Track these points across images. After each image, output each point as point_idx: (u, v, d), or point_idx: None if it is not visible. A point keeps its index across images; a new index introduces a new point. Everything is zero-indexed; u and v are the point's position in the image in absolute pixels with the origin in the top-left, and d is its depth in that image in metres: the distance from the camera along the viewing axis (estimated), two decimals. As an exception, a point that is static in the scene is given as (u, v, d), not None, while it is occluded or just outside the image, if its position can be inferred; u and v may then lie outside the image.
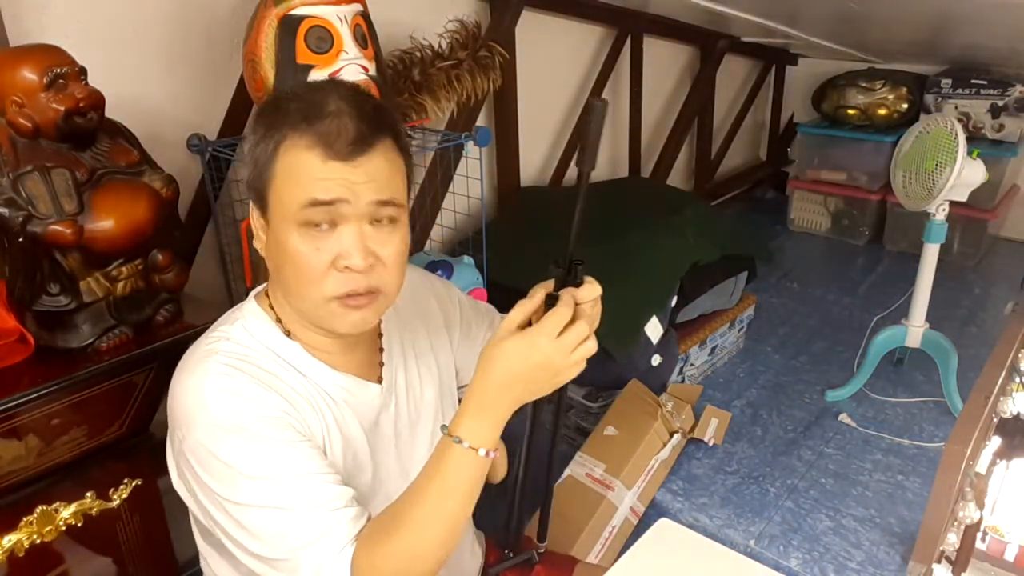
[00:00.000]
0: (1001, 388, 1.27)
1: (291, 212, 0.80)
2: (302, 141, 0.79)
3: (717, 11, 2.48)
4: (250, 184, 0.84)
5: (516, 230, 2.18)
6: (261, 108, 0.85)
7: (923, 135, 1.94)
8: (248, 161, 0.83)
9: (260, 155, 0.81)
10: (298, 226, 0.80)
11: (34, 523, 1.11)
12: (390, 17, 1.61)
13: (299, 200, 0.79)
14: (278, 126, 0.80)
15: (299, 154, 0.79)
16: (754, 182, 4.01)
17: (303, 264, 0.81)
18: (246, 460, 0.79)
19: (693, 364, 2.24)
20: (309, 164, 0.79)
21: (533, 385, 0.79)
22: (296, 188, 0.79)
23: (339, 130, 0.78)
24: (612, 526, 1.72)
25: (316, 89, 0.83)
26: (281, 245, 0.81)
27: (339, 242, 0.80)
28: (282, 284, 0.86)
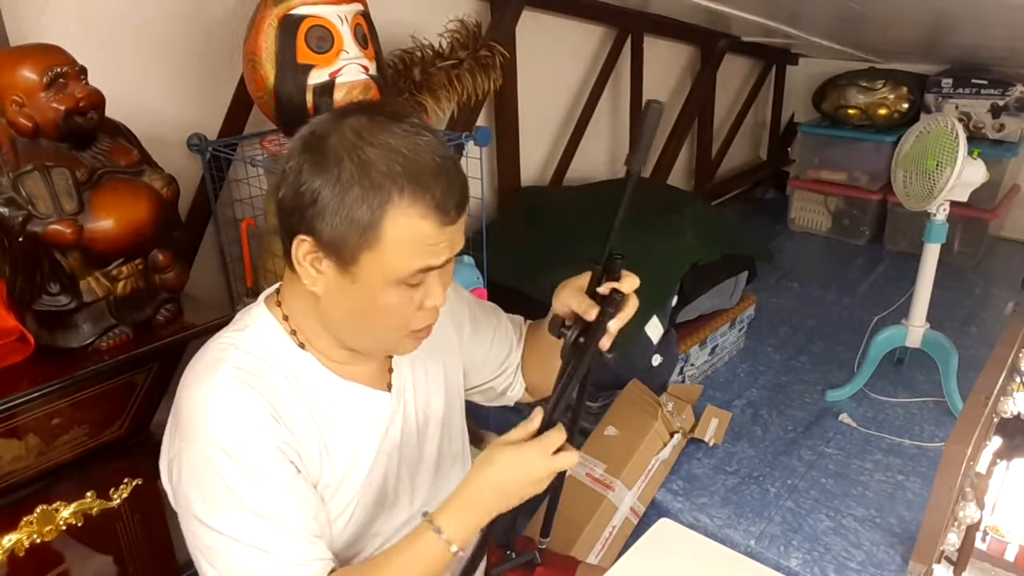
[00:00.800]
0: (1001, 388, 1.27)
1: (399, 276, 0.79)
2: (415, 211, 0.76)
3: (717, 11, 2.48)
4: (333, 239, 0.77)
5: (516, 230, 2.19)
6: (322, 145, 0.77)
7: (924, 135, 1.94)
8: (330, 211, 0.76)
9: (357, 215, 0.75)
10: (398, 284, 0.79)
11: (34, 523, 1.11)
12: (390, 17, 1.61)
13: (412, 267, 0.78)
14: (380, 187, 0.75)
15: (412, 223, 0.76)
16: (754, 182, 4.01)
17: (396, 315, 0.82)
18: (238, 488, 0.78)
19: (693, 364, 2.24)
20: (426, 234, 0.77)
21: (516, 497, 0.83)
22: (410, 256, 0.78)
23: (448, 192, 0.77)
24: (612, 526, 1.72)
25: (397, 134, 0.77)
26: (372, 300, 0.80)
27: (427, 288, 0.82)
28: (350, 326, 0.85)
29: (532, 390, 1.19)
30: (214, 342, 0.88)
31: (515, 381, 1.16)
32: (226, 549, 0.79)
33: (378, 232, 0.76)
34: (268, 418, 0.82)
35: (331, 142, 0.77)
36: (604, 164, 2.99)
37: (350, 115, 0.79)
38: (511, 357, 1.14)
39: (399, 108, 0.82)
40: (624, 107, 2.92)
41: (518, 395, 1.19)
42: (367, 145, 0.75)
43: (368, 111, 0.80)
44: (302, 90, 1.29)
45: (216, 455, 0.79)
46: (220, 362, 0.83)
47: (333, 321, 0.86)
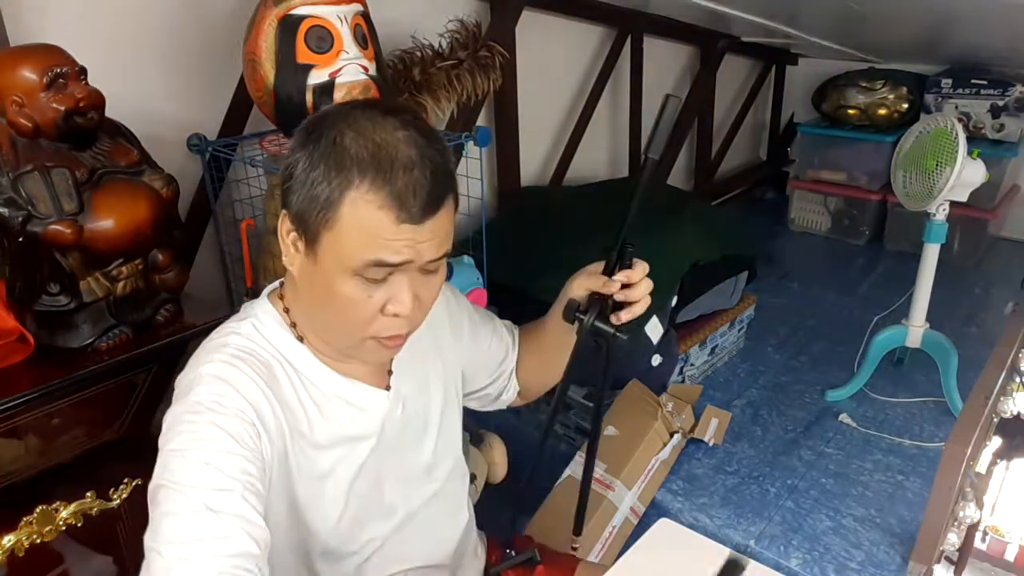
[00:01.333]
0: (1001, 388, 1.27)
1: (351, 264, 0.77)
2: (374, 199, 0.74)
3: (717, 11, 2.48)
4: (298, 212, 0.78)
5: (516, 230, 2.18)
6: (314, 127, 0.78)
7: (923, 135, 1.94)
8: (297, 186, 0.78)
9: (318, 191, 0.76)
10: (353, 275, 0.78)
11: (34, 523, 1.11)
12: (390, 17, 1.61)
13: (364, 257, 0.76)
14: (343, 168, 0.75)
15: (369, 211, 0.75)
16: (754, 182, 4.01)
17: (351, 309, 0.80)
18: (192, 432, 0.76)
19: (693, 364, 2.24)
20: (379, 225, 0.75)
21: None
22: (362, 245, 0.76)
23: (413, 188, 0.75)
24: (612, 526, 1.72)
25: (375, 118, 0.77)
26: (329, 285, 0.79)
27: (391, 290, 0.80)
28: (317, 316, 0.86)
29: (525, 393, 1.19)
30: (216, 332, 0.88)
31: (509, 385, 1.16)
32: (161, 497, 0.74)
33: (336, 213, 0.75)
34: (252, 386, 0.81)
35: (322, 124, 0.78)
36: (604, 164, 2.99)
37: (358, 106, 0.80)
38: (506, 362, 1.14)
39: (405, 106, 0.82)
40: (624, 107, 2.92)
41: (511, 399, 1.19)
42: (347, 128, 0.76)
43: (375, 104, 0.81)
44: (302, 90, 1.29)
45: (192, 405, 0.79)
46: (221, 346, 0.85)
47: (307, 309, 0.86)
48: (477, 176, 1.67)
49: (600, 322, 0.92)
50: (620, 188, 2.65)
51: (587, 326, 0.92)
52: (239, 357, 0.83)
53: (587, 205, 2.30)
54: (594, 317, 0.92)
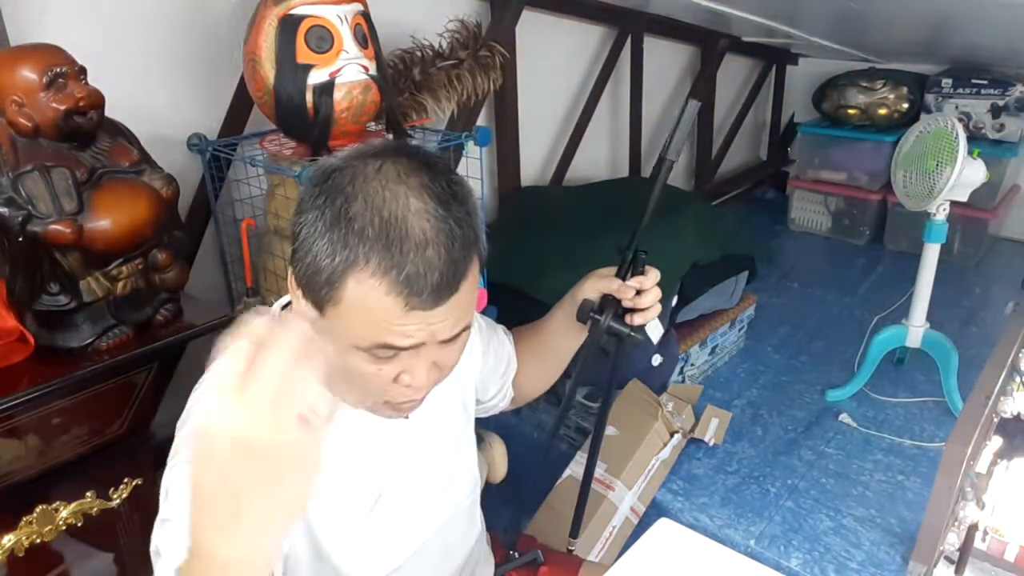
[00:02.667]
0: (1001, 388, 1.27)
1: (358, 344, 0.71)
2: (382, 283, 0.66)
3: (718, 11, 2.48)
4: (304, 282, 0.71)
5: (516, 230, 2.18)
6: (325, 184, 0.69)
7: (924, 135, 1.94)
8: (302, 250, 0.70)
9: (322, 266, 0.68)
10: (356, 352, 0.71)
11: (34, 523, 1.11)
12: (390, 17, 1.61)
13: (370, 339, 0.70)
14: (347, 245, 0.66)
15: (375, 296, 0.67)
16: (754, 182, 4.01)
17: (361, 380, 0.74)
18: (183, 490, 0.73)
19: (693, 364, 2.24)
20: (387, 311, 0.67)
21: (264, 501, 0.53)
22: (368, 328, 0.69)
23: (425, 272, 0.66)
24: (612, 526, 1.72)
25: (394, 191, 0.68)
26: (338, 351, 0.72)
27: (403, 363, 0.73)
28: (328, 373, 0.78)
29: (518, 398, 1.17)
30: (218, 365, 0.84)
31: (507, 394, 1.14)
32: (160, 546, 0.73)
33: (340, 292, 0.68)
34: None
35: (332, 182, 0.69)
36: (604, 164, 2.99)
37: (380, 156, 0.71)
38: (509, 371, 1.12)
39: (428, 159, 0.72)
40: (624, 107, 2.92)
41: (506, 406, 1.17)
42: (356, 194, 0.68)
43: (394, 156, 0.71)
44: (302, 90, 1.29)
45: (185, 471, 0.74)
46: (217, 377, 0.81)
47: None
48: (477, 176, 1.67)
49: (616, 323, 0.93)
50: (620, 188, 2.65)
51: (603, 327, 0.93)
52: None
53: (587, 205, 2.30)
54: (610, 318, 0.93)
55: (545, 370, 1.14)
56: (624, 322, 0.94)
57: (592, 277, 1.00)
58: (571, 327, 1.03)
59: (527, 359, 1.13)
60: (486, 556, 1.14)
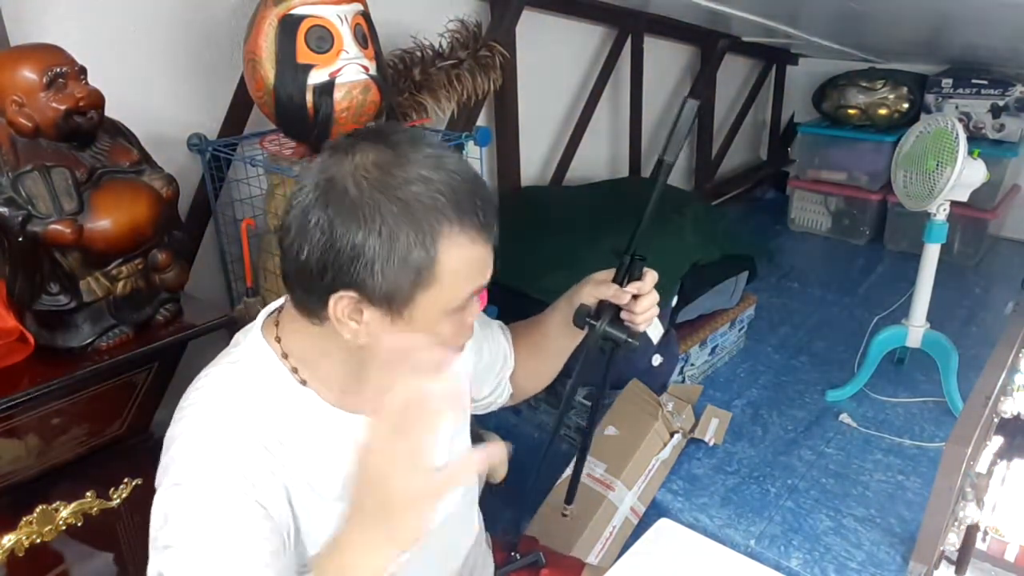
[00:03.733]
0: (1001, 388, 1.27)
1: (455, 304, 0.76)
2: (465, 237, 0.73)
3: (718, 11, 2.48)
4: (387, 291, 0.72)
5: (516, 230, 2.18)
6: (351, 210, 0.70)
7: (924, 135, 1.94)
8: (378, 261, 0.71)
9: (412, 257, 0.71)
10: (450, 314, 0.77)
11: (34, 523, 1.11)
12: (390, 17, 1.61)
13: (469, 290, 0.77)
14: (429, 224, 0.71)
15: (467, 248, 0.74)
16: (754, 182, 4.01)
17: (454, 339, 0.81)
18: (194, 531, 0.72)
19: (693, 364, 2.24)
20: (478, 256, 0.75)
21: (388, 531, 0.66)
22: (465, 282, 0.76)
23: (486, 207, 0.75)
24: (613, 526, 1.72)
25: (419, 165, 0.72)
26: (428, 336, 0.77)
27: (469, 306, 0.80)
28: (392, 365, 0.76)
29: (516, 394, 1.18)
30: (203, 380, 0.82)
31: (505, 389, 1.15)
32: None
33: (434, 269, 0.73)
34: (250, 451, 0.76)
35: (358, 188, 0.71)
36: (604, 164, 2.99)
37: (360, 150, 0.73)
38: (505, 368, 1.12)
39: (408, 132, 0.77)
40: (624, 107, 2.92)
41: (504, 402, 1.18)
42: (401, 182, 0.71)
43: (376, 140, 0.74)
44: (302, 90, 1.29)
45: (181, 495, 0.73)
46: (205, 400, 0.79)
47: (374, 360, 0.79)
48: (477, 176, 1.67)
49: (612, 328, 0.94)
50: (620, 188, 2.65)
51: (599, 332, 0.93)
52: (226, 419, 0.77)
53: (587, 205, 2.30)
54: (605, 323, 0.94)
55: (543, 367, 1.14)
56: (621, 327, 0.94)
57: (589, 283, 1.00)
58: (567, 328, 1.03)
59: (525, 356, 1.14)
60: (485, 558, 1.14)
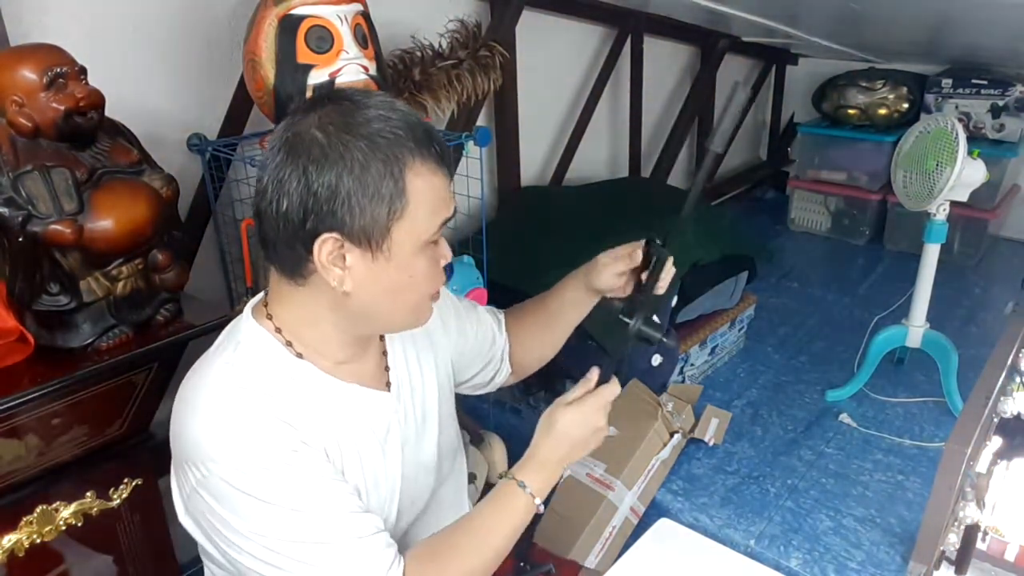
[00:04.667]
0: (1001, 388, 1.27)
1: (427, 235, 0.81)
2: (427, 166, 0.79)
3: (717, 11, 2.48)
4: (363, 226, 0.77)
5: (516, 230, 2.18)
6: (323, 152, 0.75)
7: (923, 135, 1.94)
8: (351, 199, 0.75)
9: (384, 190, 0.76)
10: (426, 247, 0.82)
11: (34, 523, 1.11)
12: (390, 17, 1.61)
13: (437, 222, 0.81)
14: (395, 153, 0.76)
15: (430, 178, 0.79)
16: (754, 182, 4.01)
17: (429, 279, 0.84)
18: (276, 495, 0.78)
19: (693, 364, 2.24)
20: (441, 185, 0.80)
21: (582, 449, 0.94)
22: (433, 212, 0.80)
23: (441, 143, 0.80)
24: (612, 526, 1.72)
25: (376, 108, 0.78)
26: (407, 271, 0.81)
27: (440, 246, 0.85)
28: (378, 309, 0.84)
29: (518, 371, 1.21)
30: (206, 366, 0.85)
31: (502, 367, 1.17)
32: (292, 556, 0.79)
33: (405, 198, 0.77)
34: (278, 423, 0.80)
35: (325, 133, 0.76)
36: (604, 164, 2.99)
37: (317, 107, 0.78)
38: (495, 346, 1.15)
39: (358, 90, 0.86)
40: (624, 107, 2.92)
41: (505, 380, 1.20)
42: (363, 122, 0.76)
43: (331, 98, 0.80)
44: (302, 90, 1.29)
45: (238, 477, 0.78)
46: (216, 386, 0.82)
47: (360, 312, 0.84)
48: (477, 176, 1.67)
49: (647, 327, 0.96)
50: (620, 188, 2.66)
51: (634, 331, 0.95)
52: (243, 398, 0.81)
53: (587, 205, 2.30)
54: (640, 322, 0.96)
55: (548, 342, 1.18)
56: (656, 326, 0.96)
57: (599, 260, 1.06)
58: (579, 301, 1.11)
59: (531, 332, 1.17)
60: None
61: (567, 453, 0.92)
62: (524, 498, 0.89)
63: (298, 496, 0.79)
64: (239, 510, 0.79)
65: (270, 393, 0.82)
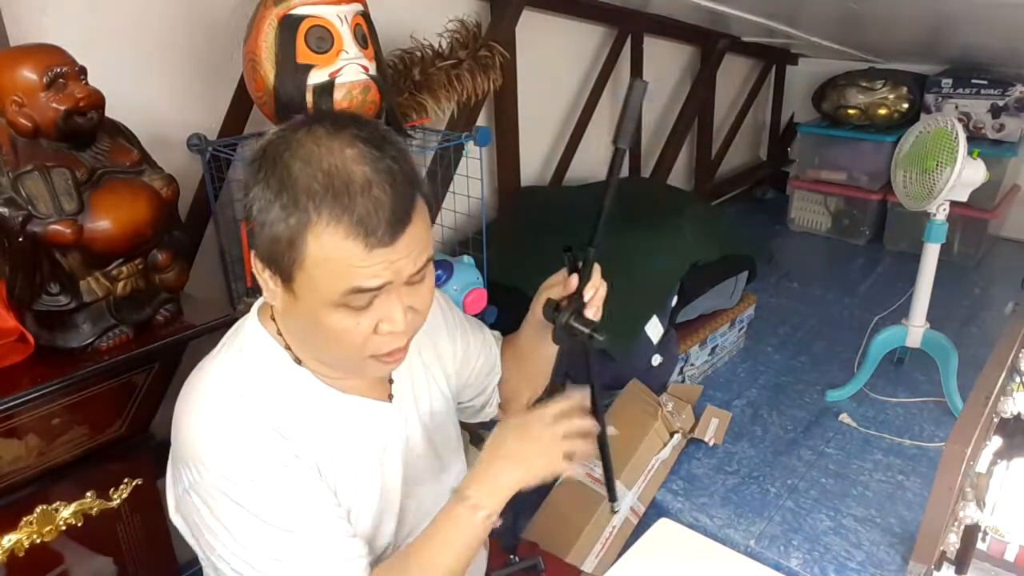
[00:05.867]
0: (1001, 388, 1.27)
1: (331, 298, 0.74)
2: (339, 230, 0.70)
3: (717, 11, 2.48)
4: (266, 254, 0.75)
5: (516, 230, 2.18)
6: (261, 161, 0.73)
7: (923, 135, 1.94)
8: (257, 226, 0.73)
9: (279, 232, 0.72)
10: (336, 307, 0.75)
11: (34, 523, 1.11)
12: (390, 17, 1.61)
13: (340, 288, 0.73)
14: (298, 205, 0.70)
15: (335, 243, 0.70)
16: (754, 182, 4.01)
17: (343, 338, 0.77)
18: (262, 508, 0.78)
19: (693, 364, 2.24)
20: (349, 255, 0.71)
21: (528, 463, 0.87)
22: (336, 277, 0.72)
23: (376, 210, 0.70)
24: (612, 526, 1.72)
25: (328, 146, 0.72)
26: (315, 319, 0.76)
27: (379, 311, 0.76)
28: (309, 343, 0.83)
29: (505, 406, 1.19)
30: (209, 365, 0.85)
31: (493, 398, 1.16)
32: (269, 572, 0.79)
33: (302, 252, 0.72)
34: (272, 435, 0.80)
35: (266, 156, 0.73)
36: (604, 164, 2.98)
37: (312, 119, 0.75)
38: (493, 374, 1.14)
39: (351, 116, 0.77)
40: (624, 107, 2.92)
41: (494, 412, 1.18)
42: (293, 159, 0.71)
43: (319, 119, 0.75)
44: (302, 90, 1.29)
45: (229, 486, 0.78)
46: (218, 388, 0.82)
47: (298, 336, 0.83)
48: (477, 176, 1.67)
49: (575, 322, 0.94)
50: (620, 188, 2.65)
51: (561, 323, 0.94)
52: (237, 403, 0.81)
53: (587, 205, 2.29)
54: (568, 317, 0.94)
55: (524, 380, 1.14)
56: (585, 321, 0.94)
57: (543, 289, 1.02)
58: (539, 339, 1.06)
59: (509, 369, 1.15)
60: (478, 557, 1.14)
61: (510, 468, 0.86)
62: (468, 512, 0.85)
63: (283, 513, 0.79)
64: (224, 518, 0.78)
65: (267, 401, 0.82)
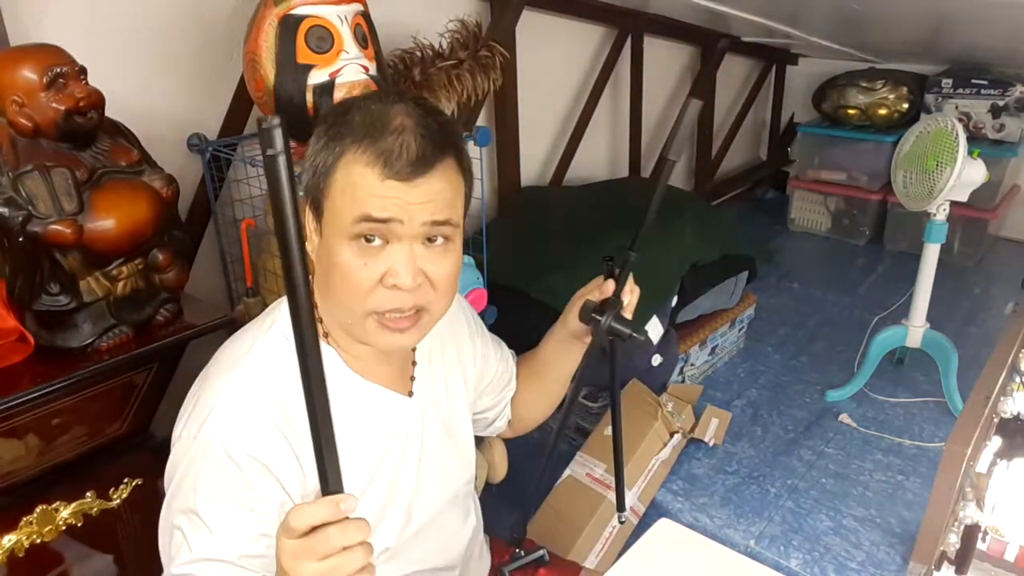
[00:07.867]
0: (1001, 388, 1.27)
1: (344, 225, 0.78)
2: (363, 157, 0.77)
3: (717, 11, 2.48)
4: (308, 190, 0.82)
5: (516, 230, 2.18)
6: (326, 114, 0.84)
7: (923, 135, 1.94)
8: (308, 167, 0.81)
9: (320, 163, 0.80)
10: (350, 239, 0.79)
11: (34, 523, 1.11)
12: (390, 17, 1.61)
13: (353, 214, 0.78)
14: (340, 137, 0.79)
15: (358, 170, 0.77)
16: (754, 182, 4.01)
17: (351, 277, 0.80)
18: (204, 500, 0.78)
19: (693, 364, 2.24)
20: (366, 181, 0.77)
21: None
22: (351, 202, 0.78)
23: (401, 148, 0.77)
24: (612, 526, 1.72)
25: (383, 101, 0.81)
26: (331, 255, 0.80)
27: (389, 259, 0.79)
28: (327, 290, 0.85)
29: (515, 424, 1.19)
30: (244, 334, 0.88)
31: (504, 412, 1.16)
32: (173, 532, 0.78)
33: (332, 178, 0.79)
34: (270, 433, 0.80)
35: (339, 108, 0.83)
36: (604, 164, 2.99)
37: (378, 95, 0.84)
38: (508, 388, 1.15)
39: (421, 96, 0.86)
40: (624, 107, 2.92)
41: (503, 428, 1.19)
42: (357, 110, 0.80)
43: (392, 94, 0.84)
44: (302, 90, 1.29)
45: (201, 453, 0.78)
46: (241, 361, 0.84)
47: (324, 294, 0.86)
48: (477, 176, 1.67)
49: (617, 323, 0.97)
50: (620, 188, 2.65)
51: (605, 327, 0.96)
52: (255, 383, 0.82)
53: (587, 205, 2.30)
54: (611, 319, 0.97)
55: (543, 396, 1.16)
56: (625, 322, 0.97)
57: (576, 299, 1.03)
58: (565, 352, 1.07)
59: (525, 381, 1.16)
60: (481, 553, 1.14)
61: None
62: None
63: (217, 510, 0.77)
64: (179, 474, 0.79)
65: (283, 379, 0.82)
